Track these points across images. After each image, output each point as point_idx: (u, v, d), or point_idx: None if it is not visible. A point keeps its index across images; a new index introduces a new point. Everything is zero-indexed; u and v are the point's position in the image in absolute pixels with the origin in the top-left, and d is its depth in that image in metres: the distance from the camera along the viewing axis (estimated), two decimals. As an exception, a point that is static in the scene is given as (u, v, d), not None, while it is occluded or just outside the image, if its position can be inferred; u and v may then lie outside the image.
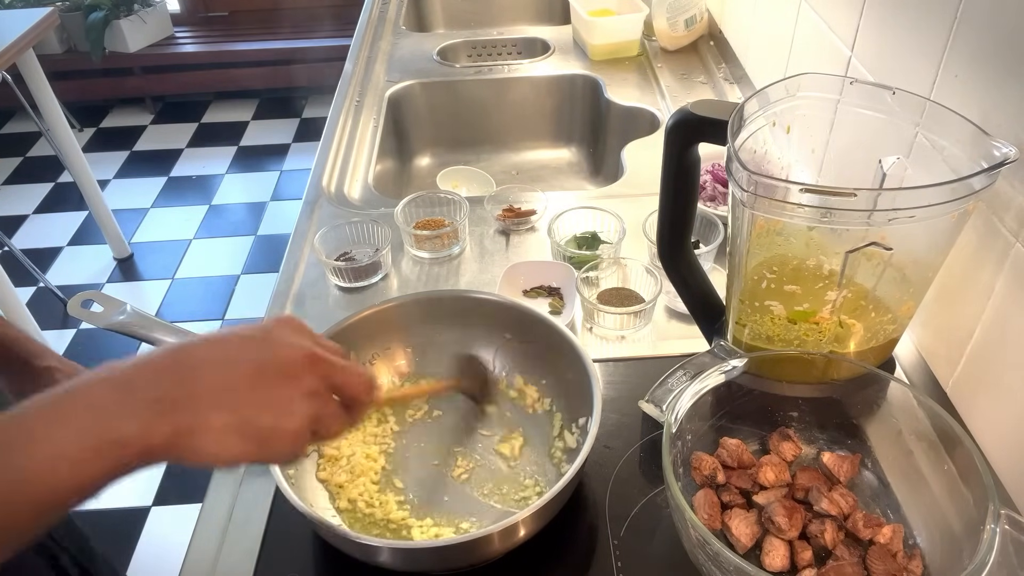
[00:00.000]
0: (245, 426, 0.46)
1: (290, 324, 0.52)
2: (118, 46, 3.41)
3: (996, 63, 0.67)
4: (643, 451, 0.78)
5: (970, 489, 0.59)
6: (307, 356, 0.50)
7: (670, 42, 1.58)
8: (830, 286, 0.69)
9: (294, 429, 0.48)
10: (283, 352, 0.49)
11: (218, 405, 0.46)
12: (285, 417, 0.47)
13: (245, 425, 0.46)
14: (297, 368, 0.49)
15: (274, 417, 0.47)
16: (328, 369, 0.51)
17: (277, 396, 0.48)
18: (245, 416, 0.46)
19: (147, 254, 2.80)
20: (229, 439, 0.46)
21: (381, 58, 1.65)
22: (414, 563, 0.67)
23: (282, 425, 0.47)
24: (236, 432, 0.46)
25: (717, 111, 0.68)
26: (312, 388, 0.49)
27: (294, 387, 0.48)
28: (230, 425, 0.46)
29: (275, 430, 0.47)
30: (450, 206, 1.11)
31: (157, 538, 1.87)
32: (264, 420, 0.47)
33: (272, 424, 0.47)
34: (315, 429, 0.50)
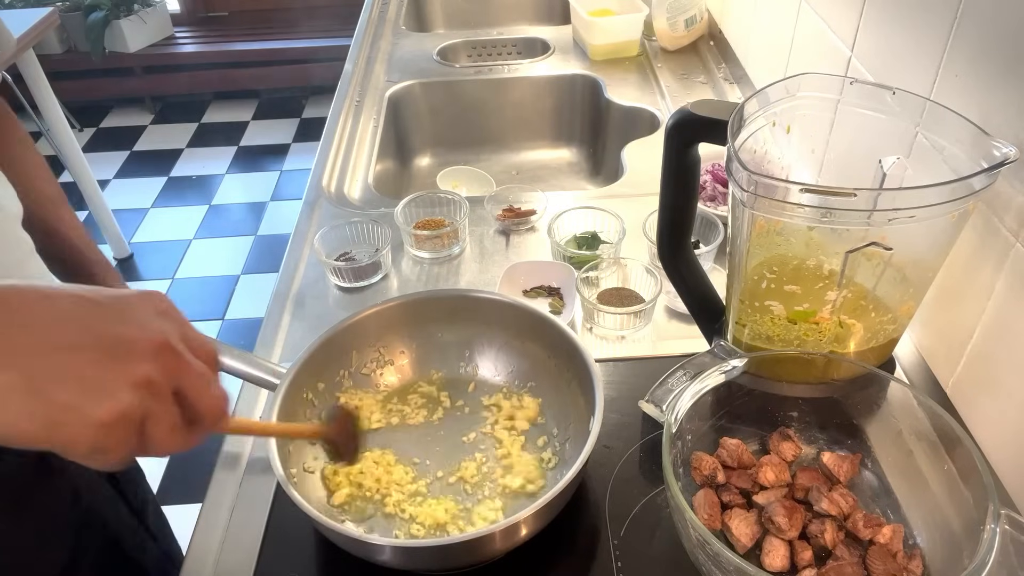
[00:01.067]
0: (35, 395, 0.37)
1: (157, 303, 0.44)
2: (118, 46, 3.41)
3: (996, 63, 0.67)
4: (643, 451, 0.78)
5: (970, 489, 0.59)
6: (156, 343, 0.41)
7: (670, 42, 1.58)
8: (830, 286, 0.69)
9: (101, 417, 0.38)
10: (127, 330, 0.41)
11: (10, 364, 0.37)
12: (94, 398, 0.38)
13: (35, 393, 0.37)
14: (136, 351, 0.40)
15: (77, 394, 0.38)
16: (177, 366, 0.42)
17: (92, 373, 0.39)
18: (40, 383, 0.37)
19: (147, 254, 2.80)
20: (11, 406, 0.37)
21: (381, 58, 1.65)
22: (415, 562, 0.67)
23: (85, 407, 0.38)
24: (23, 398, 0.37)
25: (717, 111, 0.68)
26: (146, 378, 0.40)
27: (122, 370, 0.39)
28: (16, 389, 0.37)
29: (73, 410, 0.38)
30: (450, 206, 1.11)
31: (157, 538, 1.86)
32: (62, 394, 0.37)
33: (70, 401, 0.38)
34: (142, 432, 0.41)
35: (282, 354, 0.92)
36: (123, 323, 0.41)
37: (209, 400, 0.44)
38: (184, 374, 0.43)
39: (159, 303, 0.44)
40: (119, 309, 0.42)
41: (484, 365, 0.85)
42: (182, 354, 0.43)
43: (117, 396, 0.39)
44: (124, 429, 0.39)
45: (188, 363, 0.43)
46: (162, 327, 0.42)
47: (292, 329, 0.96)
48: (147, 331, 0.41)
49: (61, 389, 0.38)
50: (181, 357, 0.42)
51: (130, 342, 0.40)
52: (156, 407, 0.41)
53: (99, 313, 0.41)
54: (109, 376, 0.39)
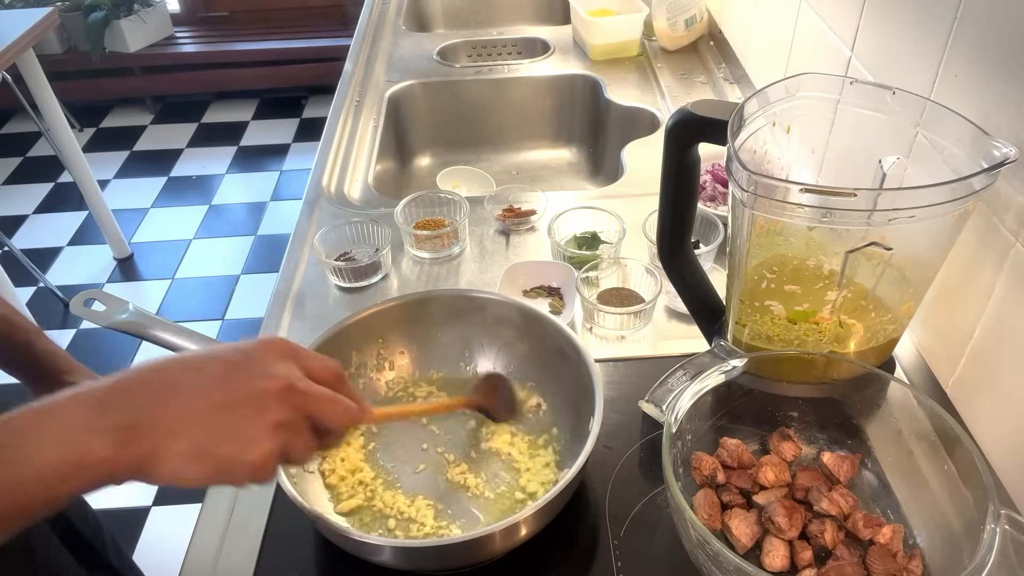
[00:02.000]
0: (202, 454, 0.48)
1: (276, 348, 0.53)
2: (118, 46, 3.41)
3: (996, 63, 0.67)
4: (643, 451, 0.78)
5: (970, 489, 0.59)
6: (281, 389, 0.51)
7: (670, 42, 1.58)
8: (830, 286, 0.69)
9: (253, 460, 0.49)
10: (257, 383, 0.50)
11: (178, 432, 0.47)
12: (245, 448, 0.49)
13: (202, 453, 0.48)
14: (268, 399, 0.50)
15: (233, 447, 0.48)
16: (303, 401, 0.52)
17: (240, 427, 0.49)
18: (203, 444, 0.48)
19: (147, 254, 2.80)
20: (186, 465, 0.47)
21: (381, 58, 1.65)
22: (415, 562, 0.67)
23: (241, 455, 0.49)
24: (193, 459, 0.48)
25: (717, 111, 0.68)
26: (281, 420, 0.50)
27: (260, 419, 0.49)
28: (187, 452, 0.47)
29: (232, 460, 0.48)
30: (450, 206, 1.11)
31: (157, 538, 1.87)
32: (222, 450, 0.48)
33: (230, 454, 0.48)
34: (285, 455, 0.51)
35: (282, 354, 0.92)
36: (253, 378, 0.50)
37: (336, 417, 0.54)
38: (310, 404, 0.52)
39: (278, 346, 0.53)
40: (248, 365, 0.51)
41: (484, 365, 0.85)
42: (305, 389, 0.52)
43: (262, 442, 0.49)
44: (272, 462, 0.50)
45: (311, 394, 0.52)
46: (282, 371, 0.51)
47: (292, 329, 0.96)
48: (272, 380, 0.51)
49: (221, 446, 0.48)
50: (304, 392, 0.52)
51: (263, 394, 0.50)
52: (293, 438, 0.51)
53: (235, 373, 0.50)
54: (253, 427, 0.49)
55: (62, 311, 2.55)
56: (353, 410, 0.55)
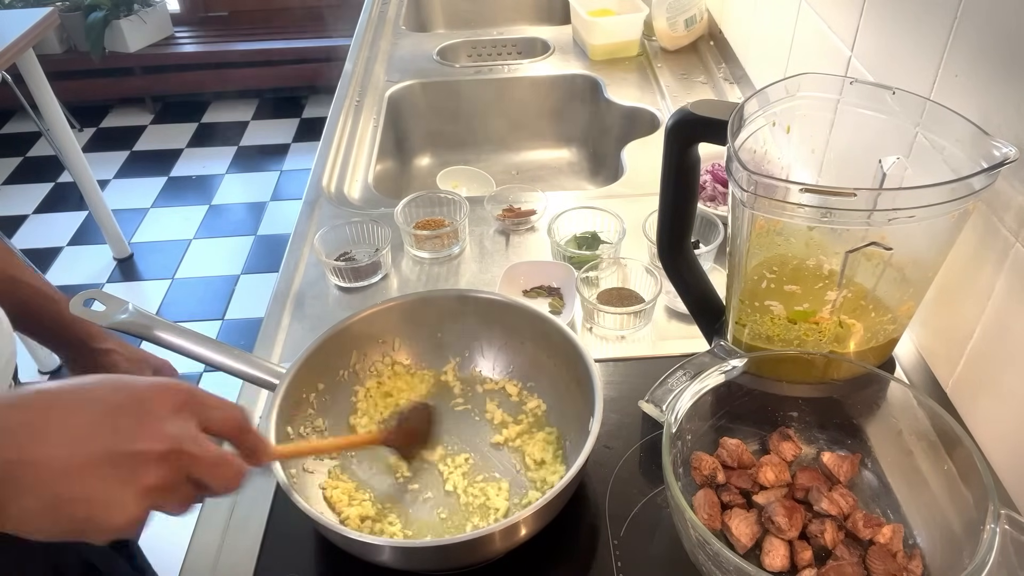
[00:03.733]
0: (57, 512, 0.44)
1: (173, 397, 0.49)
2: (118, 46, 3.41)
3: (996, 63, 0.67)
4: (643, 451, 0.78)
5: (970, 489, 0.59)
6: (165, 453, 0.46)
7: (670, 42, 1.58)
8: (830, 286, 0.69)
9: (116, 524, 0.45)
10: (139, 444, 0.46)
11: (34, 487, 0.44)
12: (109, 512, 0.45)
13: (58, 511, 0.44)
14: (146, 464, 0.46)
15: (93, 510, 0.44)
16: (187, 462, 0.48)
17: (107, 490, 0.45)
18: (61, 503, 0.44)
19: (147, 254, 2.80)
20: (39, 521, 0.44)
21: (381, 58, 1.65)
22: (415, 562, 0.67)
23: (103, 519, 0.45)
24: (48, 517, 0.44)
25: (717, 111, 0.68)
26: (157, 484, 0.46)
27: (132, 484, 0.45)
28: (39, 509, 0.44)
29: (92, 521, 0.45)
30: (450, 206, 1.11)
31: (157, 538, 1.86)
32: (80, 511, 0.44)
33: (89, 516, 0.45)
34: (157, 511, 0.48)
35: (282, 354, 0.92)
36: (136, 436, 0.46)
37: (222, 482, 0.50)
38: (194, 466, 0.48)
39: (178, 396, 0.49)
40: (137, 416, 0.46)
41: (484, 365, 0.85)
42: (191, 451, 0.48)
43: (129, 508, 0.45)
44: (138, 525, 0.46)
45: (195, 456, 0.48)
46: (174, 431, 0.47)
47: (292, 329, 0.96)
48: (158, 439, 0.46)
49: (80, 507, 0.44)
50: (190, 454, 0.48)
51: (140, 456, 0.46)
52: (168, 497, 0.48)
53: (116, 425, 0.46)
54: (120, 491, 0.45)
55: (62, 311, 2.55)
56: (242, 471, 0.51)
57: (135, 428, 0.46)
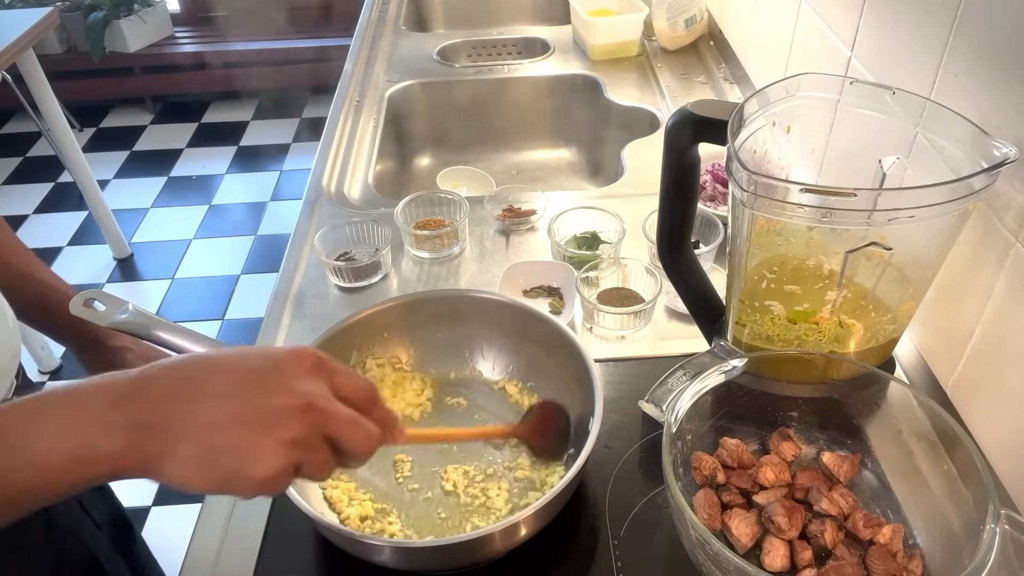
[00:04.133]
0: (209, 463, 0.47)
1: (307, 361, 0.51)
2: (118, 46, 3.41)
3: (996, 63, 0.67)
4: (643, 451, 0.78)
5: (970, 489, 0.59)
6: (302, 407, 0.49)
7: (670, 42, 1.58)
8: (830, 286, 0.69)
9: (260, 476, 0.48)
10: (278, 398, 0.49)
11: (190, 437, 0.47)
12: (254, 462, 0.47)
13: (210, 462, 0.47)
14: (285, 416, 0.48)
15: (240, 461, 0.47)
16: (322, 419, 0.50)
17: (251, 441, 0.48)
18: (212, 454, 0.47)
19: (147, 254, 2.80)
20: (192, 471, 0.47)
21: (381, 58, 1.65)
22: (415, 562, 0.67)
23: (248, 470, 0.47)
24: (200, 465, 0.47)
25: (717, 111, 0.68)
26: (296, 437, 0.48)
27: (274, 435, 0.48)
28: (195, 458, 0.47)
29: (238, 473, 0.47)
30: (450, 206, 1.11)
31: (157, 538, 1.86)
32: (229, 461, 0.47)
33: (236, 467, 0.47)
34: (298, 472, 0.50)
35: (282, 354, 0.92)
36: (275, 392, 0.49)
37: (356, 442, 0.52)
38: (327, 424, 0.50)
39: (308, 358, 0.51)
40: (275, 375, 0.49)
41: (484, 365, 0.85)
42: (326, 408, 0.50)
43: (272, 459, 0.48)
44: (281, 480, 0.49)
45: (329, 413, 0.50)
46: (309, 388, 0.50)
47: (292, 329, 0.96)
48: (294, 396, 0.49)
49: (229, 458, 0.47)
50: (325, 411, 0.50)
51: (281, 409, 0.48)
52: (307, 455, 0.49)
53: (257, 383, 0.49)
54: (265, 443, 0.48)
55: (62, 311, 2.55)
56: (375, 436, 0.53)
57: (274, 386, 0.49)
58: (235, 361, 0.50)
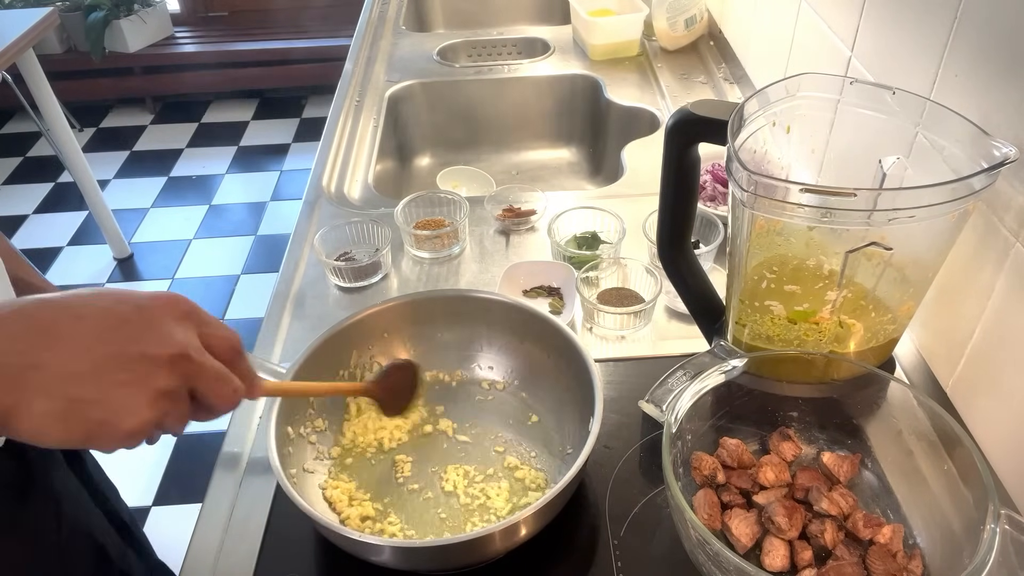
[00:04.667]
0: (72, 416, 0.44)
1: (175, 308, 0.48)
2: (118, 46, 3.41)
3: (996, 63, 0.67)
4: (643, 451, 0.78)
5: (970, 489, 0.59)
6: (173, 356, 0.46)
7: (670, 42, 1.58)
8: (830, 286, 0.69)
9: (128, 429, 0.45)
10: (148, 347, 0.46)
11: (47, 390, 0.43)
12: (122, 415, 0.45)
13: (72, 414, 0.44)
14: (156, 367, 0.46)
15: (107, 413, 0.44)
16: (191, 370, 0.48)
17: (119, 393, 0.45)
18: (76, 406, 0.44)
19: (147, 254, 2.80)
20: (50, 425, 0.43)
21: (381, 58, 1.65)
22: (415, 562, 0.67)
23: (115, 422, 0.45)
24: (60, 419, 0.44)
25: (717, 111, 0.68)
26: (164, 389, 0.46)
27: (144, 387, 0.45)
28: (54, 412, 0.43)
29: (105, 425, 0.45)
30: (450, 206, 1.11)
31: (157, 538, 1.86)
32: (95, 414, 0.44)
33: (103, 419, 0.44)
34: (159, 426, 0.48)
35: (282, 354, 0.92)
36: (144, 340, 0.46)
37: (222, 398, 0.50)
38: (198, 377, 0.48)
39: (180, 307, 0.49)
40: (142, 323, 0.46)
41: (484, 365, 0.85)
42: (196, 359, 0.48)
43: (140, 411, 0.45)
44: (147, 432, 0.46)
45: (201, 366, 0.48)
46: (180, 337, 0.47)
47: (292, 329, 0.96)
48: (165, 344, 0.46)
49: (95, 410, 0.44)
50: (195, 362, 0.48)
51: (150, 359, 0.46)
52: (172, 408, 0.47)
53: (124, 331, 0.46)
54: (133, 394, 0.45)
55: (62, 311, 2.55)
56: (240, 391, 0.51)
57: (143, 333, 0.46)
58: (97, 307, 0.46)
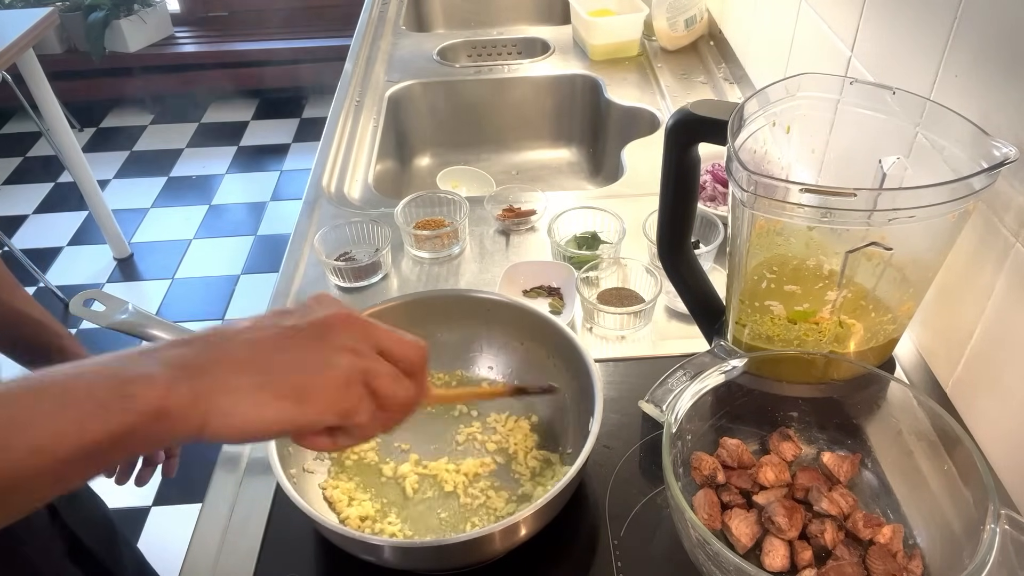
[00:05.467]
0: (274, 383, 0.43)
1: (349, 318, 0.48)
2: (118, 46, 3.41)
3: (996, 63, 0.67)
4: (643, 451, 0.78)
5: (970, 489, 0.59)
6: (342, 316, 0.47)
7: (670, 42, 1.58)
8: (830, 286, 0.69)
9: (334, 380, 0.44)
10: (315, 316, 0.46)
11: (242, 369, 0.42)
12: (320, 371, 0.44)
13: (274, 383, 0.43)
14: (329, 327, 0.46)
15: (306, 374, 0.44)
16: (369, 329, 0.47)
17: (307, 356, 0.44)
18: (273, 376, 0.43)
19: (147, 254, 2.80)
20: (259, 396, 0.42)
21: (381, 58, 1.65)
22: (415, 562, 0.67)
23: (317, 380, 0.44)
24: (265, 389, 0.42)
25: (717, 111, 0.68)
26: (348, 345, 0.46)
27: (326, 344, 0.45)
28: (257, 383, 0.42)
29: (310, 384, 0.44)
30: (450, 206, 1.11)
31: (157, 538, 1.87)
32: (294, 378, 0.43)
33: (304, 380, 0.43)
34: (371, 387, 0.46)
35: (282, 354, 0.92)
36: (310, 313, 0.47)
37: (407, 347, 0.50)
38: (376, 333, 0.48)
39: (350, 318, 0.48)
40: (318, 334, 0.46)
41: (484, 365, 0.85)
42: (364, 319, 0.48)
43: (334, 363, 0.45)
44: (354, 386, 0.45)
45: (374, 324, 0.48)
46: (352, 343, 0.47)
47: (292, 329, 0.96)
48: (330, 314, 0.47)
49: (294, 375, 0.44)
50: (365, 321, 0.48)
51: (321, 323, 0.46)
52: (370, 364, 0.46)
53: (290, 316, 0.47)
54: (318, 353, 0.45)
55: (62, 311, 2.55)
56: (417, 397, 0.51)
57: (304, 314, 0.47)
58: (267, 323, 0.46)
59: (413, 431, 0.80)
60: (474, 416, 0.81)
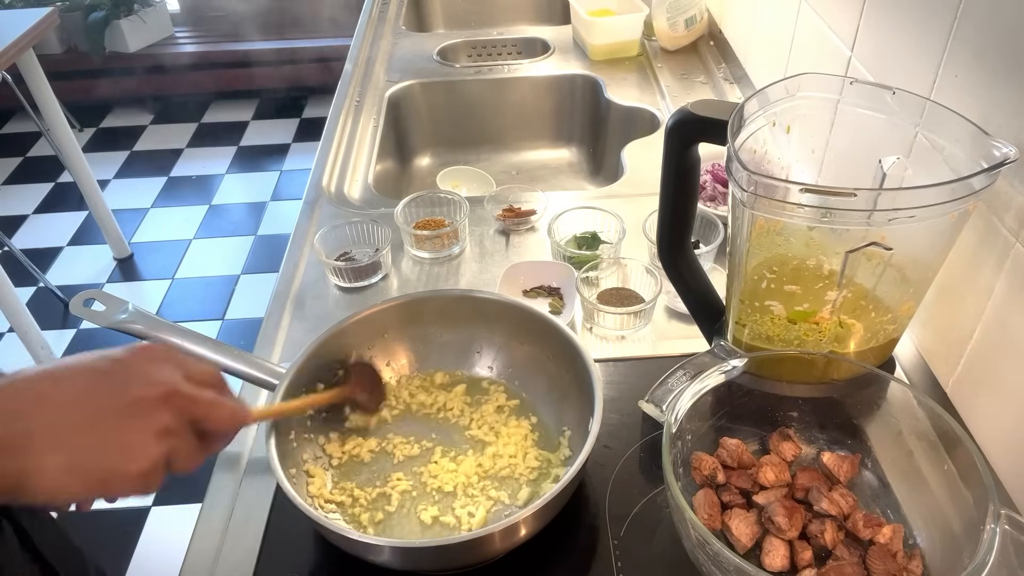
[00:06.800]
0: (82, 468, 0.45)
1: (152, 354, 0.51)
2: (118, 46, 3.41)
3: (996, 63, 0.67)
4: (643, 451, 0.78)
5: (970, 489, 0.59)
6: (163, 393, 0.49)
7: (670, 42, 1.58)
8: (830, 286, 0.69)
9: (138, 470, 0.47)
10: (135, 391, 0.48)
11: (53, 447, 0.45)
12: (128, 459, 0.46)
13: (82, 467, 0.45)
14: (149, 406, 0.48)
15: (114, 459, 0.46)
16: (186, 404, 0.50)
17: (121, 438, 0.47)
18: (83, 455, 0.45)
19: (147, 254, 2.80)
20: (65, 480, 0.45)
21: (381, 58, 1.65)
22: (414, 562, 0.67)
23: (124, 467, 0.46)
24: (72, 473, 0.45)
25: (717, 111, 0.68)
26: (164, 426, 0.48)
27: (142, 427, 0.47)
28: (65, 466, 0.45)
29: (115, 471, 0.46)
30: (450, 206, 1.11)
31: (157, 538, 1.87)
32: (103, 462, 0.46)
33: (111, 466, 0.46)
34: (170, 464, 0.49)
35: (282, 354, 0.92)
36: (131, 386, 0.48)
37: (221, 421, 0.52)
38: (195, 408, 0.50)
39: (154, 351, 0.51)
40: (124, 372, 0.49)
41: (484, 365, 0.85)
42: (188, 392, 0.50)
43: (146, 451, 0.47)
44: (158, 472, 0.48)
45: (195, 397, 0.50)
46: (164, 376, 0.50)
47: (292, 329, 0.96)
48: (151, 386, 0.48)
49: (101, 457, 0.46)
50: (188, 395, 0.50)
51: (143, 401, 0.48)
52: (177, 444, 0.49)
53: (108, 382, 0.48)
54: (134, 436, 0.47)
55: (62, 311, 2.55)
56: (239, 412, 0.54)
57: (128, 380, 0.48)
58: (78, 367, 0.48)
59: (413, 431, 0.80)
60: (474, 416, 0.81)
